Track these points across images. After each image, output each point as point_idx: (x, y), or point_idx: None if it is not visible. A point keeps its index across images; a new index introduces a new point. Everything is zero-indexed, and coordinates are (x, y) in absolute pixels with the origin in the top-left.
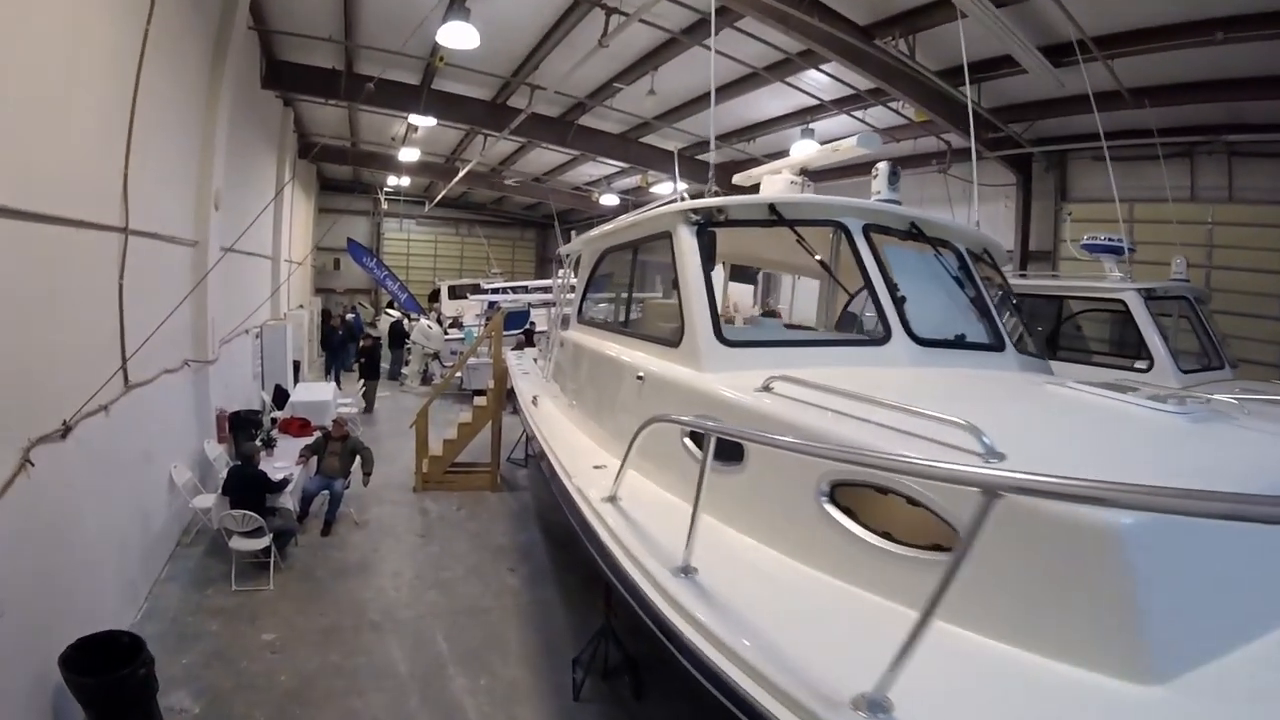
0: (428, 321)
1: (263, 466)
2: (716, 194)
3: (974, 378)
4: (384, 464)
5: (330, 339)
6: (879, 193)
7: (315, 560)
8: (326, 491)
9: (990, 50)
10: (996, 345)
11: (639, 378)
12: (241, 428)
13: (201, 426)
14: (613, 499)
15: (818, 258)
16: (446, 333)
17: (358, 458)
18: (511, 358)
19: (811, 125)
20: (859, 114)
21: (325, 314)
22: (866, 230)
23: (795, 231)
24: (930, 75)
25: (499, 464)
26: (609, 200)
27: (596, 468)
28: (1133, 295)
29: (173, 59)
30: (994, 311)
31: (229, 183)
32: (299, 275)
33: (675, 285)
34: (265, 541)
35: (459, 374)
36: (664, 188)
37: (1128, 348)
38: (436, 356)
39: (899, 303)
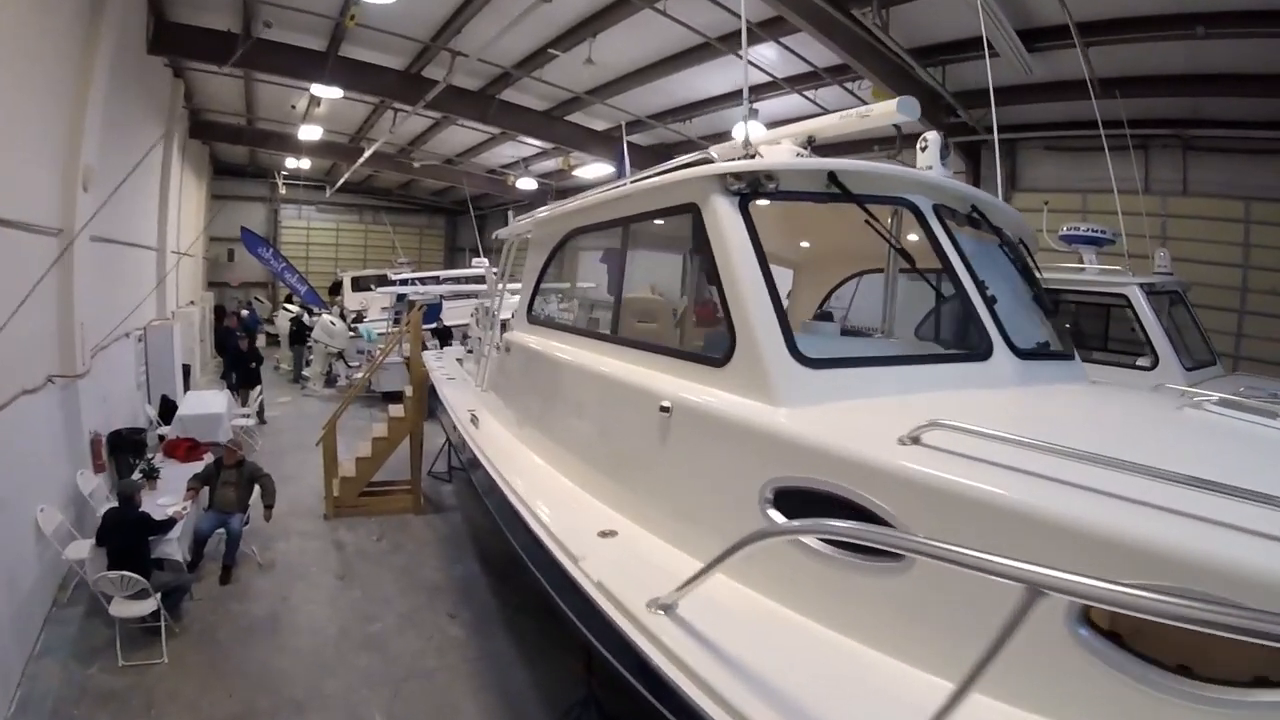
0: (330, 317)
1: (146, 504)
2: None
3: (1097, 402)
4: (288, 485)
5: (226, 341)
6: (929, 169)
7: (216, 617)
8: (222, 530)
9: (962, 30)
10: (1068, 353)
11: (663, 409)
12: (123, 450)
13: (74, 455)
14: (670, 609)
15: (894, 244)
16: (351, 329)
17: (256, 487)
18: (431, 359)
19: (756, 105)
20: (810, 94)
21: (219, 311)
22: (938, 211)
23: (865, 209)
24: (902, 53)
25: (420, 481)
26: (526, 184)
27: (604, 535)
28: (1135, 290)
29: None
30: (1051, 312)
31: (105, 162)
32: (189, 268)
33: (711, 278)
34: (152, 604)
35: (361, 373)
36: (589, 170)
37: (1127, 344)
38: (341, 356)
39: (991, 304)
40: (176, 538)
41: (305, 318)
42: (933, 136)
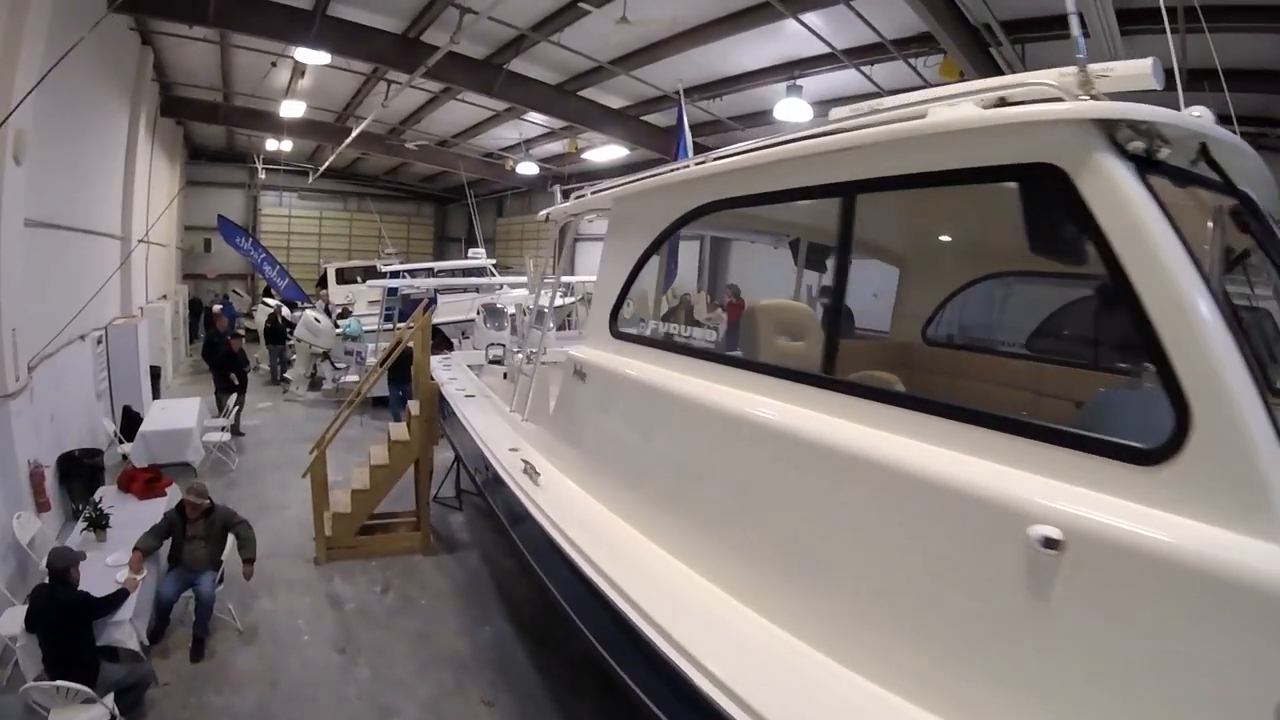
0: (314, 313)
1: (91, 565)
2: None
3: None
4: (271, 517)
5: (214, 348)
6: None
7: (188, 715)
8: (190, 593)
9: (1050, 6)
10: None
11: (1047, 543)
12: (76, 477)
13: (7, 494)
14: None
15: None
16: (337, 325)
17: (231, 537)
18: (440, 368)
19: (799, 81)
20: (866, 69)
21: (195, 305)
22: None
23: (1243, 198)
24: (993, 24)
25: (428, 513)
26: (526, 169)
27: None
28: None
29: None
30: None
31: (52, 133)
32: (162, 260)
33: (1114, 295)
34: (102, 713)
35: (350, 375)
36: (599, 153)
37: None
38: (326, 356)
39: None
40: (129, 618)
41: (284, 313)
42: (1201, 111)
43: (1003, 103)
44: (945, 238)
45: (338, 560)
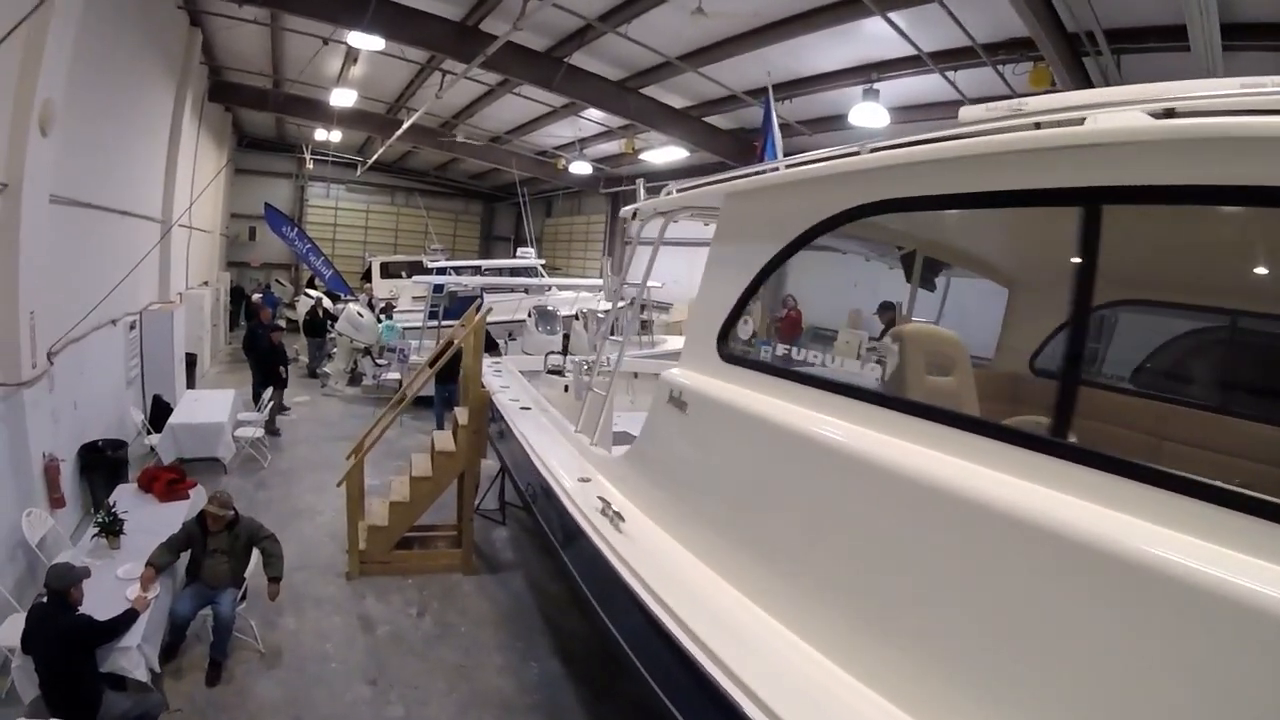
0: (357, 307)
1: (102, 577)
2: None
3: None
4: (301, 523)
5: (257, 340)
6: None
7: None
8: (209, 611)
9: (1153, 15)
10: None
11: None
12: (99, 470)
13: (19, 489)
14: None
15: None
16: (380, 319)
17: (256, 552)
18: (490, 374)
19: (876, 85)
20: (951, 74)
21: (236, 293)
22: None
23: None
24: (1097, 32)
25: (471, 530)
26: (580, 169)
27: None
28: None
29: None
30: None
31: (89, 109)
32: (204, 246)
33: None
34: None
35: (391, 373)
36: (657, 154)
37: None
38: (368, 352)
39: None
40: (137, 644)
41: (325, 304)
42: None
43: (1170, 114)
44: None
45: (371, 576)
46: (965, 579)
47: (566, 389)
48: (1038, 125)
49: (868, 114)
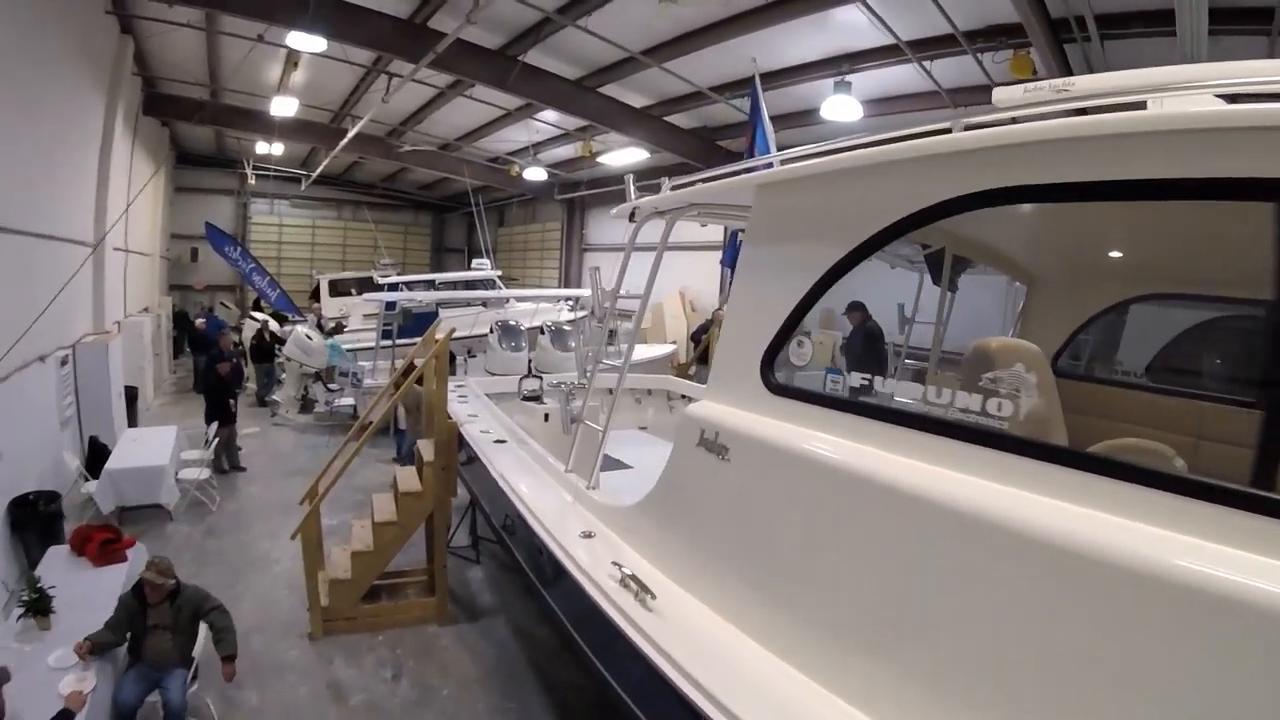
0: (305, 329)
1: (30, 664)
2: None
3: None
4: (256, 574)
5: (209, 375)
6: None
7: None
8: (156, 694)
9: (1133, 2)
10: None
11: None
12: (30, 526)
13: None
14: None
15: None
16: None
17: (203, 625)
18: (454, 400)
19: (848, 78)
20: (927, 64)
21: (181, 319)
22: None
23: None
24: (1089, 17)
25: (445, 576)
26: (534, 174)
27: None
28: None
29: None
30: None
31: (6, 126)
32: (143, 270)
33: None
34: None
35: (345, 399)
36: (616, 157)
37: None
38: (319, 377)
39: None
40: None
41: (272, 327)
42: None
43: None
44: (1109, 250)
45: (337, 634)
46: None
47: (546, 418)
48: (1083, 110)
49: (840, 107)
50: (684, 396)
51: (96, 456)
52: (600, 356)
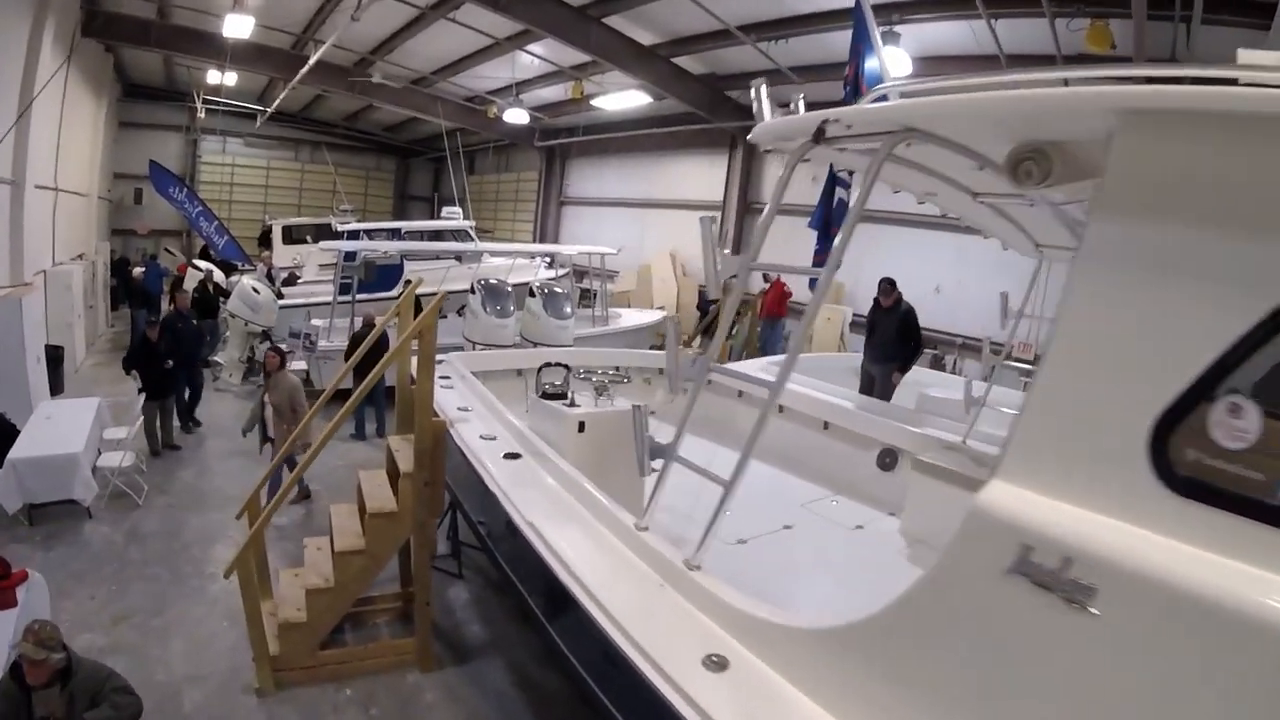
0: (252, 280)
1: None
2: None
3: None
4: (188, 598)
5: (179, 340)
6: None
7: None
8: None
9: None
10: None
11: None
12: None
13: None
14: None
15: None
16: (281, 294)
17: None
18: (438, 388)
19: (896, 28)
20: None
21: (121, 266)
22: None
23: None
24: None
25: (429, 616)
26: (515, 117)
27: None
28: None
29: None
30: None
31: None
32: (78, 213)
33: None
34: None
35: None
36: (612, 100)
37: None
38: (267, 336)
39: None
40: None
41: (217, 278)
42: None
43: None
44: None
45: (293, 686)
46: None
47: (582, 428)
48: None
49: (886, 61)
50: None
51: (3, 438)
52: (710, 362)
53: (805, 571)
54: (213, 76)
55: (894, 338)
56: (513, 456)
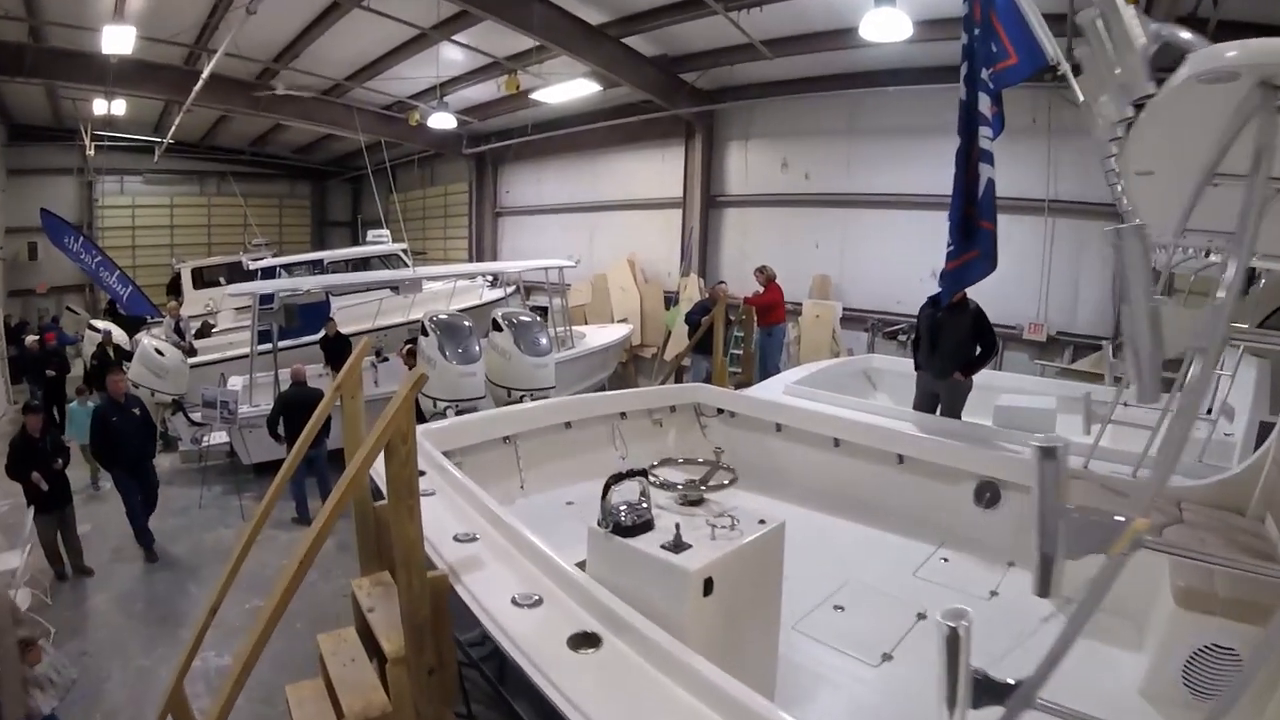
0: (153, 341)
1: None
2: None
3: None
4: None
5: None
6: None
7: None
8: None
9: None
10: None
11: None
12: None
13: None
14: None
15: None
16: (193, 350)
17: None
18: (427, 512)
19: None
20: None
21: (17, 331)
22: None
23: None
24: None
25: None
26: (440, 122)
27: None
28: None
29: None
30: None
31: None
32: None
33: None
34: None
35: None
36: (555, 92)
37: None
38: (179, 408)
39: None
40: None
41: (118, 338)
42: None
43: None
44: None
45: None
46: None
47: (710, 588)
48: None
49: (883, 24)
50: (721, 411)
51: None
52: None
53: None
54: (99, 106)
55: (965, 344)
56: (587, 642)
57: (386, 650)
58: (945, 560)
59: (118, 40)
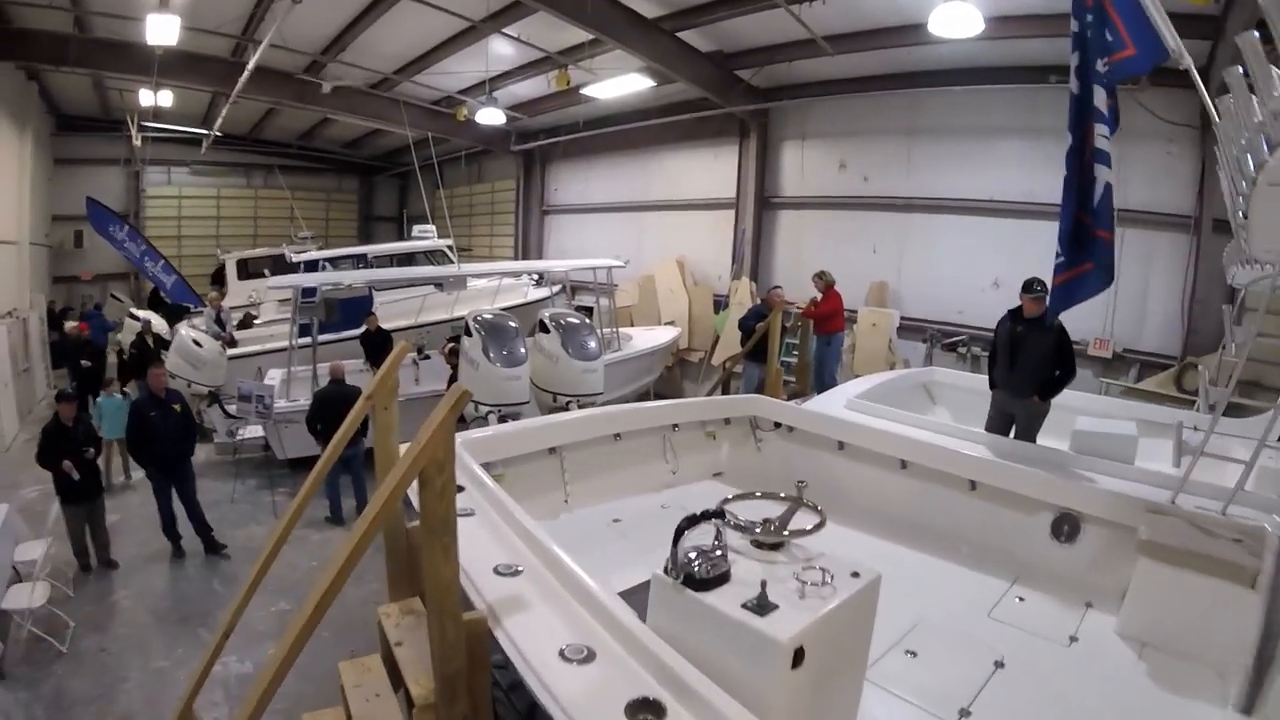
0: (192, 332)
1: None
2: None
3: None
4: None
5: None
6: None
7: None
8: None
9: None
10: None
11: None
12: None
13: None
14: None
15: None
16: (234, 341)
17: None
18: (464, 535)
19: None
20: None
21: (58, 318)
22: None
23: None
24: None
25: None
26: (489, 118)
27: None
28: None
29: None
30: None
31: None
32: (6, 263)
33: None
34: None
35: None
36: (606, 88)
37: None
38: (215, 399)
39: None
40: None
41: (158, 327)
42: None
43: None
44: None
45: None
46: None
47: (800, 659)
48: None
49: (954, 19)
50: (778, 425)
51: None
52: None
53: None
54: (145, 97)
55: (1046, 362)
56: (649, 710)
57: (414, 695)
58: (1020, 600)
59: (162, 30)
